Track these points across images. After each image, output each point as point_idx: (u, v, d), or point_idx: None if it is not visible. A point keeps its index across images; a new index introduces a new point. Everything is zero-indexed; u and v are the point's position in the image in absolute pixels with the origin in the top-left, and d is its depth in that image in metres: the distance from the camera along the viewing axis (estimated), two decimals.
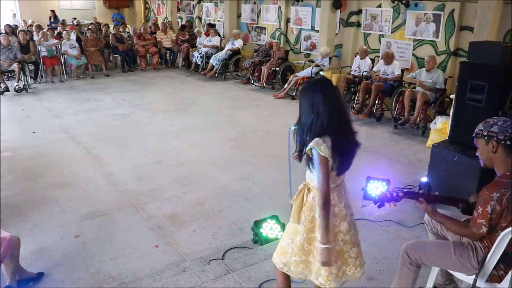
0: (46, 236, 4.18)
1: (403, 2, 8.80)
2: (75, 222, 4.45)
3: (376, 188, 2.76)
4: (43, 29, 12.78)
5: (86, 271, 3.67)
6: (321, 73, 2.18)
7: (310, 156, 2.41)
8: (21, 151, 6.45)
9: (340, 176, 2.55)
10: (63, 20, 15.14)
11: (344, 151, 2.43)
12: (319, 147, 2.34)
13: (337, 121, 2.40)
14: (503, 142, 2.49)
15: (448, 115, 6.28)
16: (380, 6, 9.48)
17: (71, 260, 3.82)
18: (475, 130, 2.63)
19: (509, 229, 2.42)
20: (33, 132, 7.31)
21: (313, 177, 2.50)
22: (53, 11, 16.85)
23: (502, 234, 2.43)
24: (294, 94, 9.61)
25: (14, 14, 17.88)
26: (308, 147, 2.39)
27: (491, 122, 2.56)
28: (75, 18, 15.52)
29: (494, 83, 4.42)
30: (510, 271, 2.52)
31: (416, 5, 8.79)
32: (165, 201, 4.90)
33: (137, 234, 4.25)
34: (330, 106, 2.38)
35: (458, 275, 2.76)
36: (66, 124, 7.81)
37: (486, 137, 2.54)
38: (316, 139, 2.36)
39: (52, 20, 16.05)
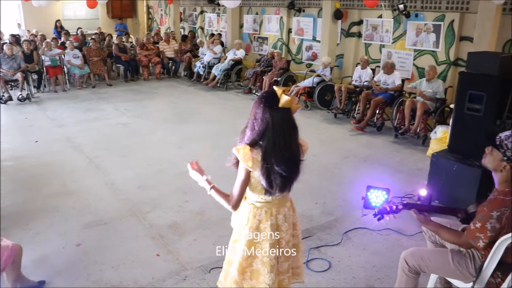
0: (48, 245, 4.21)
1: (404, 12, 8.86)
2: (77, 231, 4.47)
3: (377, 197, 2.79)
4: (47, 39, 12.91)
5: (87, 279, 3.69)
6: (274, 87, 2.22)
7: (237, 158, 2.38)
8: (24, 160, 6.49)
9: (272, 195, 2.42)
10: (66, 30, 15.30)
11: (277, 171, 2.30)
12: (241, 154, 2.31)
13: (274, 138, 2.28)
14: None
15: (448, 124, 6.31)
16: (380, 16, 9.56)
17: (72, 268, 3.84)
18: (502, 138, 2.51)
19: (504, 237, 2.45)
20: (36, 141, 7.36)
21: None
22: (59, 20, 17.00)
23: (498, 242, 2.46)
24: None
25: (19, 24, 18.04)
26: (233, 151, 2.37)
27: None
28: (79, 28, 15.65)
29: (492, 93, 4.47)
30: (507, 279, 2.55)
31: (416, 15, 8.86)
32: (166, 210, 4.93)
33: (138, 242, 4.27)
34: (267, 118, 2.27)
35: (456, 282, 2.79)
36: (69, 133, 7.87)
37: (506, 158, 2.49)
38: (244, 145, 2.34)
39: (59, 29, 16.13)
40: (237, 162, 2.41)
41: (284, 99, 2.27)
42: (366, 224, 4.50)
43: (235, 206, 2.45)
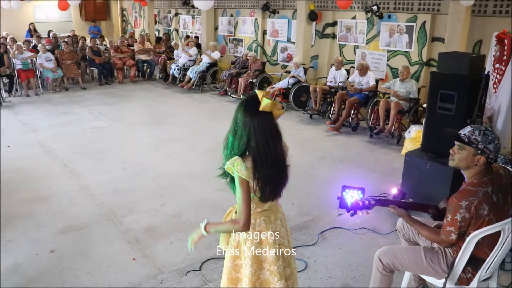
0: (21, 252, 4.13)
1: (377, 14, 8.99)
2: (51, 237, 4.40)
3: (352, 197, 2.81)
4: (17, 42, 12.66)
5: (62, 286, 3.63)
6: (256, 90, 2.22)
7: (232, 175, 2.28)
8: None
9: (268, 202, 2.40)
10: (39, 33, 15.05)
11: (267, 176, 2.27)
12: (236, 167, 2.23)
13: (259, 143, 2.23)
14: (489, 160, 2.55)
15: (422, 123, 6.41)
16: (354, 18, 9.67)
17: (47, 275, 3.77)
18: (468, 135, 2.57)
19: (475, 232, 2.50)
20: (8, 147, 7.21)
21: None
22: (32, 23, 16.67)
23: (468, 238, 2.52)
24: None
25: None
26: (226, 165, 2.29)
27: (489, 138, 2.53)
28: (51, 31, 15.38)
29: (463, 92, 4.56)
30: (477, 274, 2.61)
31: (389, 16, 9.00)
32: (142, 214, 4.89)
33: (114, 247, 4.22)
34: (248, 122, 2.23)
35: (429, 279, 2.84)
36: (42, 138, 7.73)
37: (479, 151, 2.53)
38: (235, 157, 2.26)
39: (33, 32, 15.81)
40: (232, 179, 2.31)
41: (265, 102, 2.21)
42: (342, 223, 4.54)
43: (247, 224, 2.25)
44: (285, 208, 4.89)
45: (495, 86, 5.90)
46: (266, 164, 2.25)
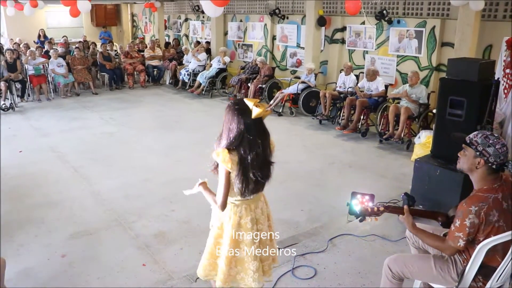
0: (32, 256, 4.17)
1: (386, 19, 8.99)
2: (61, 242, 4.44)
3: (361, 203, 2.82)
4: (30, 47, 12.81)
5: None
6: (245, 99, 2.31)
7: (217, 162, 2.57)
8: (7, 171, 6.40)
9: (245, 197, 2.67)
10: (51, 39, 15.19)
11: (253, 174, 2.56)
12: (221, 157, 2.50)
13: (248, 148, 2.51)
14: (490, 164, 2.54)
15: (432, 129, 6.39)
16: (363, 23, 9.66)
17: (57, 280, 3.81)
18: (471, 137, 2.61)
19: (485, 241, 2.49)
20: (20, 151, 7.29)
21: None
22: (42, 29, 16.84)
23: (478, 246, 2.50)
24: (280, 111, 9.71)
25: (2, 33, 17.86)
26: (213, 156, 2.58)
27: (490, 141, 2.54)
28: (64, 36, 15.53)
29: (473, 98, 4.54)
30: (488, 282, 2.59)
31: (398, 22, 8.98)
32: (152, 219, 4.91)
33: (124, 252, 4.25)
34: (243, 129, 2.50)
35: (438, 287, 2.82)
36: (53, 143, 7.81)
37: (478, 152, 2.55)
38: (223, 149, 2.53)
39: (42, 38, 15.97)
40: (217, 167, 2.63)
41: (256, 112, 2.48)
42: (351, 230, 4.53)
43: (222, 205, 2.60)
44: (294, 214, 4.96)
45: (505, 91, 5.88)
46: (254, 164, 2.54)
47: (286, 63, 11.98)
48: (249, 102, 2.52)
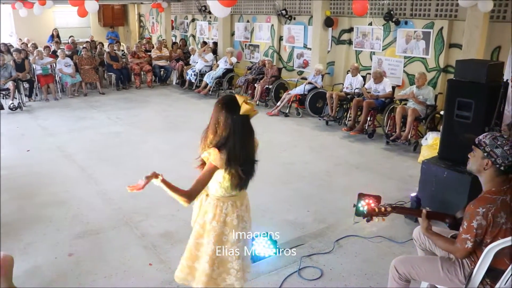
0: (40, 255, 4.20)
1: (393, 20, 8.96)
2: (69, 241, 4.46)
3: (368, 204, 2.82)
4: (38, 47, 12.88)
5: None
6: (236, 95, 2.37)
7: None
8: (15, 170, 6.46)
9: (236, 190, 2.72)
10: (58, 39, 15.25)
11: (237, 172, 2.62)
12: (212, 156, 2.55)
13: (236, 143, 2.57)
14: (498, 166, 2.53)
15: (439, 131, 6.36)
16: (370, 24, 9.64)
17: (64, 278, 3.83)
18: (480, 138, 2.62)
19: (493, 244, 2.48)
20: (27, 151, 7.34)
21: (210, 185, 2.74)
22: (56, 29, 16.91)
23: (486, 249, 2.49)
24: (287, 112, 9.71)
25: (11, 33, 17.98)
26: (204, 155, 2.64)
27: (498, 142, 2.54)
28: (71, 36, 15.61)
29: (481, 100, 4.52)
30: (496, 285, 2.57)
31: (406, 23, 8.95)
32: (159, 219, 4.93)
33: (131, 252, 4.27)
34: (230, 124, 2.57)
35: None
36: (61, 142, 7.85)
37: (486, 153, 2.55)
38: (212, 148, 2.58)
39: (56, 38, 16.01)
40: (203, 164, 2.69)
41: (244, 108, 2.55)
42: (357, 231, 4.53)
43: (191, 199, 2.61)
44: (301, 215, 4.96)
45: None
46: (239, 160, 2.59)
47: (293, 63, 11.97)
48: (239, 99, 2.57)
